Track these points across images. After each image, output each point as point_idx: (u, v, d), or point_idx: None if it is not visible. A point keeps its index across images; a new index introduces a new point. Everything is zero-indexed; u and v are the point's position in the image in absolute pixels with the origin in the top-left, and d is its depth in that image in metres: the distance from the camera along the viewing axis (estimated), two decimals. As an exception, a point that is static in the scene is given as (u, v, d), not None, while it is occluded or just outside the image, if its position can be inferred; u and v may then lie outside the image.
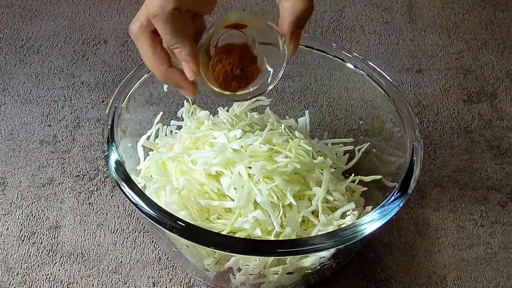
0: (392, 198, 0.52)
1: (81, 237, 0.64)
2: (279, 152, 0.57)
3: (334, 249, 0.51)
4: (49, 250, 0.63)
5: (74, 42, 0.85)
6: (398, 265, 0.64)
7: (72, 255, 0.62)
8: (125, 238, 0.64)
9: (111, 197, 0.68)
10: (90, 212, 0.66)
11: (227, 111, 0.66)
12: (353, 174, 0.61)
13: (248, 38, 0.52)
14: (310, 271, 0.56)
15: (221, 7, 0.91)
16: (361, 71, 0.63)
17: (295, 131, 0.62)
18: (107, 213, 0.66)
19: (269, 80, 0.53)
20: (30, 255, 0.62)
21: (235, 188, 0.55)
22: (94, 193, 0.68)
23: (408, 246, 0.66)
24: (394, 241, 0.66)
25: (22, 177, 0.69)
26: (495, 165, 0.74)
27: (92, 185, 0.69)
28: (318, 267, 0.55)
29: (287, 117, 0.70)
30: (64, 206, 0.67)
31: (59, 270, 0.61)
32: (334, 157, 0.64)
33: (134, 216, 0.66)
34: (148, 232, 0.65)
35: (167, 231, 0.49)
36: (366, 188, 0.61)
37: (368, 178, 0.60)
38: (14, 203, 0.67)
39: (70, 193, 0.68)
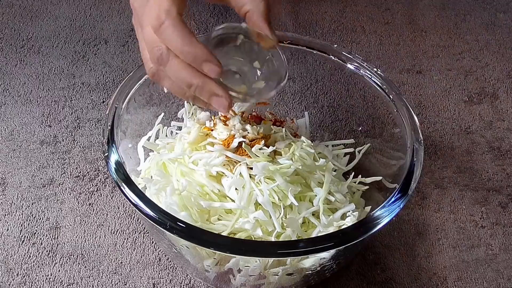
0: (393, 199, 0.52)
1: (81, 237, 0.64)
2: (280, 154, 0.57)
3: (334, 250, 0.51)
4: (49, 251, 0.63)
5: (74, 43, 0.85)
6: (399, 266, 0.64)
7: (72, 256, 0.62)
8: (125, 239, 0.64)
9: (111, 198, 0.68)
10: (90, 212, 0.66)
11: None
12: (353, 174, 0.61)
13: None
14: (310, 272, 0.56)
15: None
16: (362, 72, 0.63)
17: (299, 134, 0.62)
18: (107, 214, 0.66)
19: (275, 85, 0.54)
20: (30, 256, 0.62)
21: (236, 189, 0.55)
22: (94, 194, 0.68)
23: (409, 247, 0.65)
24: (394, 242, 0.66)
25: (22, 177, 0.69)
26: (495, 166, 0.74)
27: (92, 185, 0.69)
28: (319, 268, 0.55)
29: (287, 118, 0.70)
30: (64, 206, 0.67)
31: (59, 270, 0.61)
32: (335, 159, 0.64)
33: (134, 217, 0.66)
34: (148, 233, 0.65)
35: (167, 232, 0.49)
36: (367, 187, 0.61)
37: (368, 180, 0.60)
38: (14, 204, 0.66)
39: (70, 194, 0.68)
